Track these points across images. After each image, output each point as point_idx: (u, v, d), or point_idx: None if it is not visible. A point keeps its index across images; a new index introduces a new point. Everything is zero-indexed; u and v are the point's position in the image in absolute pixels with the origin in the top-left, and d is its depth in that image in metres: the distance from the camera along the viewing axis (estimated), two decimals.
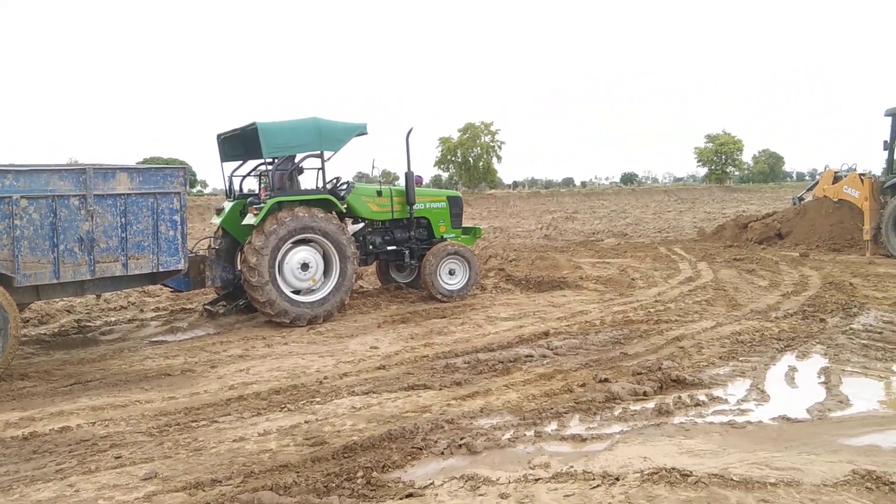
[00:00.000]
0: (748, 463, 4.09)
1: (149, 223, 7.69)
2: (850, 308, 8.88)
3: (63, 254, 7.12)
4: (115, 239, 7.47)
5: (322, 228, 9.21)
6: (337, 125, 9.77)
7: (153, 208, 7.71)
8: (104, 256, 7.40)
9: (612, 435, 4.75)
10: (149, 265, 7.75)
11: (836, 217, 16.23)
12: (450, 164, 66.72)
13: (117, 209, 7.47)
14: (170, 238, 7.85)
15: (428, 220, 11.07)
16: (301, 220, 9.04)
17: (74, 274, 7.23)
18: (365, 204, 10.42)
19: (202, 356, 7.58)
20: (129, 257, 7.58)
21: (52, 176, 7.04)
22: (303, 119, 9.60)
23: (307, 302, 9.16)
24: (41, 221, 6.98)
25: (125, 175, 7.53)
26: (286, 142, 9.32)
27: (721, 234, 19.06)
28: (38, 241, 6.98)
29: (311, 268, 9.23)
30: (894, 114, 14.87)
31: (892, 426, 4.83)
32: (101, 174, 7.34)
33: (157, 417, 5.49)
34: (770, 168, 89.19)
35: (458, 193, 11.93)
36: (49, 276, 7.07)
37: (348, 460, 4.43)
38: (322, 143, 9.54)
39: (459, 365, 6.74)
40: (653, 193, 54.81)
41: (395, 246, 10.77)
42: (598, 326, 8.29)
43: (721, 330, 7.91)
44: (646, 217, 31.78)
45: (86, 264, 7.28)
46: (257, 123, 9.07)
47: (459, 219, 11.45)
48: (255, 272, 8.69)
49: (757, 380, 5.99)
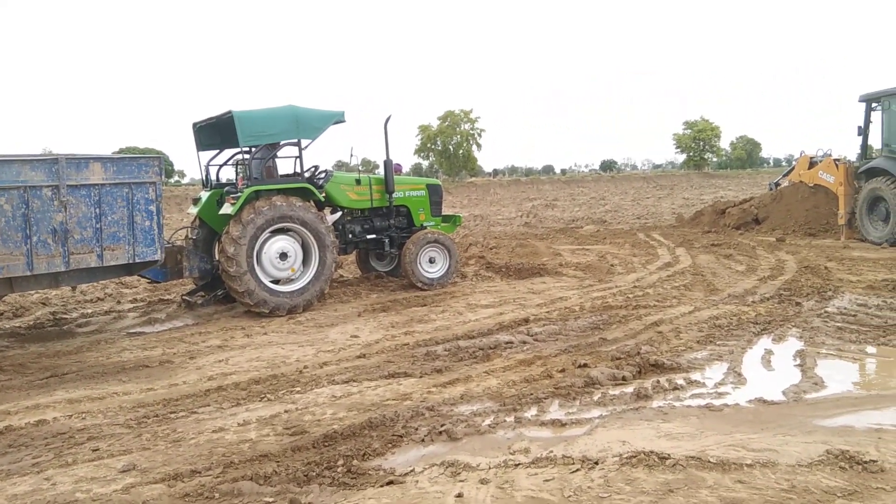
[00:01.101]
0: (725, 445, 4.14)
1: (124, 214, 7.60)
2: (825, 292, 9.00)
3: (36, 245, 7.04)
4: (89, 230, 7.38)
5: (300, 217, 9.15)
6: (314, 113, 9.68)
7: (128, 198, 7.60)
8: (78, 248, 7.32)
9: (592, 419, 4.79)
10: (124, 256, 7.67)
11: (811, 202, 16.42)
12: (430, 152, 66.54)
13: (91, 200, 7.37)
14: (145, 228, 7.76)
15: (408, 209, 11.04)
16: (279, 209, 8.97)
17: (48, 266, 7.15)
18: (343, 192, 10.36)
19: (181, 347, 7.52)
20: (105, 248, 7.49)
21: (23, 166, 6.94)
22: (279, 107, 9.50)
23: (286, 291, 9.11)
24: (13, 213, 6.88)
25: (99, 165, 7.42)
26: (262, 130, 9.20)
27: (699, 220, 19.21)
28: (10, 232, 6.88)
29: (290, 257, 9.17)
30: (868, 99, 15.04)
31: (866, 407, 4.91)
32: (75, 164, 7.24)
33: (135, 409, 5.44)
34: (747, 154, 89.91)
35: (437, 181, 11.90)
36: (22, 268, 6.99)
37: (328, 449, 4.43)
38: (299, 131, 9.47)
39: (440, 352, 6.75)
40: (632, 180, 55.10)
41: (374, 234, 10.73)
42: (577, 312, 8.34)
43: (699, 314, 7.98)
44: (625, 204, 31.95)
45: (60, 256, 7.20)
46: (233, 112, 8.97)
47: (439, 207, 11.43)
48: (233, 262, 8.63)
49: (734, 363, 6.06)
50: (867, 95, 15.07)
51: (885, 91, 14.47)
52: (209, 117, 9.77)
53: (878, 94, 14.71)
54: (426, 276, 10.43)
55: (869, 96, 15.02)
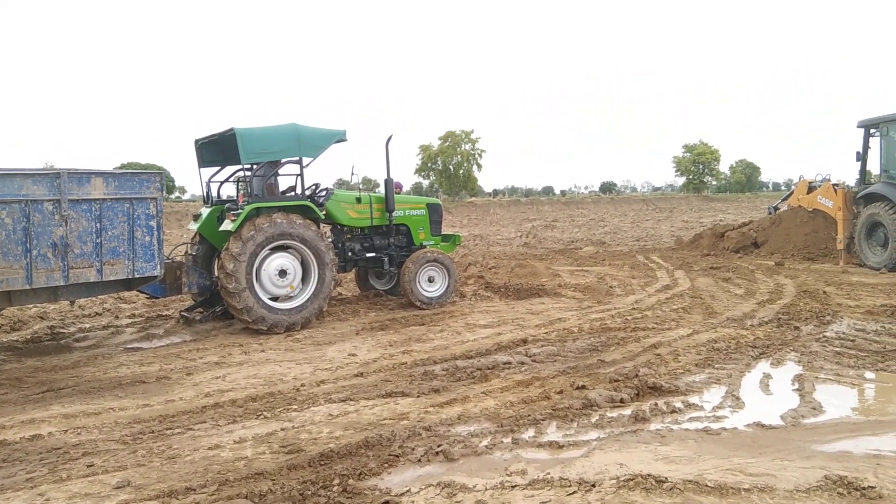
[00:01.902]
0: (723, 469, 4.12)
1: (124, 229, 7.62)
2: (823, 316, 9.00)
3: (36, 259, 7.05)
4: (89, 244, 7.39)
5: (300, 235, 9.16)
6: (316, 131, 9.72)
7: (129, 214, 7.63)
8: (78, 262, 7.32)
9: (589, 441, 4.77)
10: (124, 271, 7.67)
11: (810, 227, 16.46)
12: (430, 171, 66.76)
13: (92, 214, 7.39)
14: (145, 244, 7.78)
15: (407, 227, 11.05)
16: (279, 226, 8.99)
17: (48, 280, 7.15)
18: (344, 210, 10.40)
19: (178, 363, 7.50)
20: (104, 263, 7.49)
21: (25, 180, 6.96)
22: (281, 125, 9.54)
23: (285, 309, 9.11)
24: (14, 226, 6.90)
25: (100, 180, 7.45)
26: (264, 148, 9.25)
27: (698, 243, 19.24)
28: (10, 246, 6.89)
29: (289, 274, 9.17)
30: (867, 125, 15.14)
31: (864, 432, 4.89)
32: (76, 179, 7.27)
33: (130, 425, 5.42)
34: (747, 178, 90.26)
35: (437, 200, 11.95)
36: (21, 282, 6.99)
37: (325, 468, 4.40)
38: (301, 150, 9.51)
39: (438, 372, 6.73)
40: (631, 202, 55.26)
41: (374, 253, 10.75)
42: (575, 334, 8.33)
43: (697, 337, 7.97)
44: (624, 226, 32.01)
45: (59, 270, 7.20)
46: (235, 129, 9.02)
47: (439, 226, 11.45)
48: (232, 278, 8.63)
49: (732, 387, 6.04)
50: (865, 121, 15.17)
51: (884, 117, 14.57)
52: (211, 134, 9.81)
53: (877, 120, 14.81)
54: (425, 295, 10.43)
55: (867, 122, 15.12)
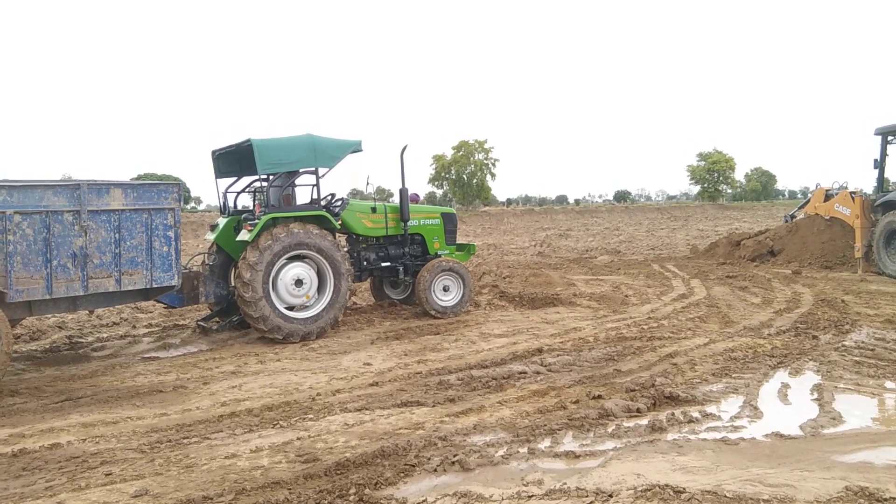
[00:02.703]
0: (741, 479, 4.09)
1: (142, 239, 7.70)
2: (842, 325, 8.91)
3: (56, 269, 7.11)
4: (108, 255, 7.47)
5: (317, 245, 9.22)
6: (331, 142, 9.78)
7: (147, 224, 7.72)
8: (97, 272, 7.40)
9: (606, 451, 4.74)
10: (142, 281, 7.75)
11: (827, 235, 16.33)
12: (444, 181, 66.85)
13: (111, 225, 7.47)
14: (163, 254, 7.87)
15: (422, 237, 11.10)
16: (296, 236, 9.04)
17: (67, 290, 7.22)
18: (359, 220, 10.46)
19: (194, 372, 7.55)
20: (123, 273, 7.57)
21: (46, 191, 7.05)
22: (297, 136, 9.60)
23: (301, 318, 9.14)
24: (34, 237, 6.98)
25: (119, 191, 7.54)
26: (281, 158, 9.30)
27: (714, 252, 19.13)
28: (31, 256, 6.97)
29: (305, 284, 9.21)
30: (884, 133, 15.02)
31: (885, 443, 4.83)
32: (96, 190, 7.35)
33: (148, 434, 5.45)
34: (762, 186, 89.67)
35: (452, 210, 11.97)
36: (42, 292, 7.06)
37: (341, 477, 4.41)
38: (317, 160, 9.58)
39: (453, 381, 6.72)
40: (646, 211, 55.03)
41: (389, 262, 10.78)
42: (591, 343, 8.30)
43: (714, 347, 7.92)
44: (639, 234, 31.89)
45: (79, 280, 7.28)
46: (252, 140, 9.08)
47: (454, 235, 11.49)
48: (249, 288, 8.69)
49: (750, 396, 5.99)
50: (883, 129, 15.05)
51: None
52: (228, 145, 9.89)
53: (894, 127, 14.70)
54: (440, 304, 10.45)
55: (884, 129, 15.00)
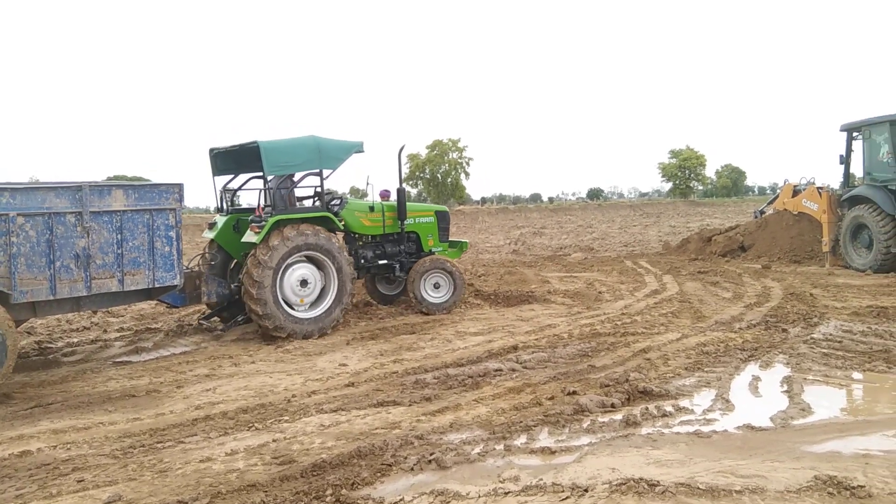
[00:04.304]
0: (714, 471, 4.15)
1: (144, 239, 7.80)
2: (810, 318, 9.08)
3: (59, 270, 7.20)
4: (110, 255, 7.56)
5: (324, 246, 9.36)
6: (335, 143, 9.91)
7: (148, 225, 7.81)
8: (100, 273, 7.48)
9: (581, 447, 4.79)
10: (144, 281, 7.85)
11: (796, 230, 16.62)
12: (418, 180, 66.89)
13: (113, 226, 7.56)
14: (165, 254, 7.97)
15: (417, 235, 11.29)
16: (303, 237, 9.17)
17: (71, 290, 7.31)
18: (358, 219, 10.64)
19: (168, 376, 7.46)
20: (125, 273, 7.67)
21: (48, 193, 7.12)
22: (302, 137, 9.70)
23: (306, 318, 9.29)
24: (38, 238, 7.06)
25: (121, 192, 7.63)
26: (287, 161, 9.44)
27: (686, 248, 19.37)
28: (34, 257, 7.05)
29: (310, 284, 9.35)
30: (849, 129, 15.31)
31: (852, 432, 4.94)
32: (97, 191, 7.43)
33: (121, 439, 5.39)
34: (733, 182, 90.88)
35: (445, 209, 12.16)
36: (46, 293, 7.14)
37: (317, 478, 4.40)
38: (321, 162, 9.69)
39: (429, 380, 6.73)
40: (619, 208, 55.46)
41: (385, 260, 10.96)
42: (566, 340, 8.36)
43: (686, 341, 8.02)
44: (612, 231, 32.14)
45: (82, 280, 7.36)
46: (259, 142, 9.16)
47: (446, 233, 11.72)
48: (258, 287, 8.79)
49: (722, 390, 6.09)
50: (848, 125, 15.34)
51: (866, 121, 14.75)
52: (231, 145, 9.94)
53: (859, 123, 14.99)
54: (430, 302, 10.59)
55: (850, 126, 15.29)
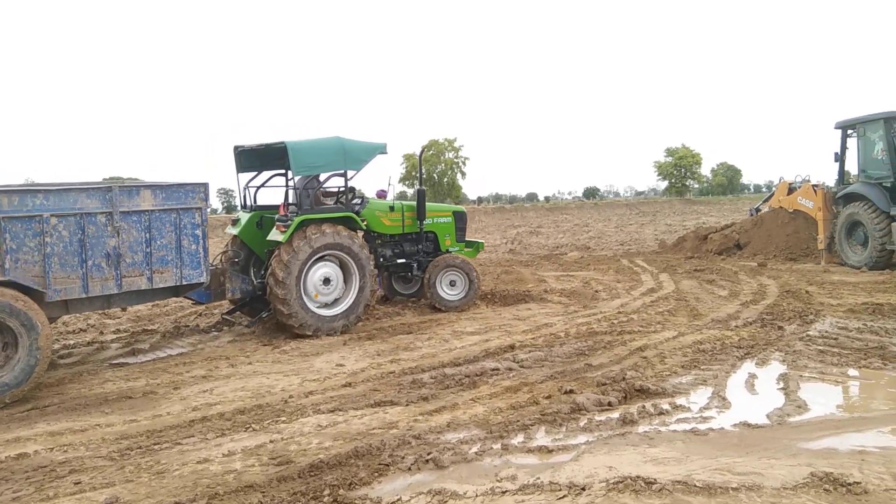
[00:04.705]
0: (710, 469, 4.16)
1: (172, 238, 8.01)
2: (806, 315, 9.10)
3: (91, 269, 7.42)
4: (140, 254, 7.79)
5: (346, 246, 9.52)
6: (360, 145, 10.04)
7: (176, 223, 8.01)
8: (130, 271, 7.71)
9: (578, 445, 4.80)
10: (172, 279, 8.05)
11: (791, 227, 16.66)
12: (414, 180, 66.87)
13: (142, 225, 7.77)
14: (192, 252, 8.16)
15: (435, 234, 11.46)
16: (327, 237, 9.34)
17: (102, 288, 7.52)
18: (378, 219, 10.84)
19: (164, 378, 7.45)
20: (154, 271, 7.88)
21: (80, 194, 7.33)
22: (328, 138, 9.88)
23: (329, 315, 9.45)
24: (70, 238, 7.27)
25: (149, 192, 7.83)
26: (313, 161, 9.60)
27: (682, 246, 19.40)
28: (67, 257, 7.26)
29: (332, 282, 9.54)
30: (844, 126, 15.36)
31: (848, 429, 4.96)
32: (126, 192, 7.67)
33: (117, 441, 5.38)
34: (728, 180, 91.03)
35: (462, 209, 12.31)
36: (78, 291, 7.35)
37: (315, 479, 4.40)
38: (346, 163, 9.85)
39: (426, 380, 6.74)
40: (615, 207, 55.53)
41: (403, 259, 11.16)
42: (562, 339, 8.37)
43: (683, 339, 8.04)
44: (608, 230, 32.17)
45: (113, 279, 7.58)
46: (286, 143, 9.35)
47: (463, 232, 11.91)
48: (283, 286, 8.97)
49: (718, 387, 6.10)
50: (843, 122, 15.39)
51: (860, 118, 14.79)
52: (258, 144, 10.12)
53: (853, 121, 15.04)
54: (446, 300, 10.76)
55: (844, 123, 15.34)
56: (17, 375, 6.64)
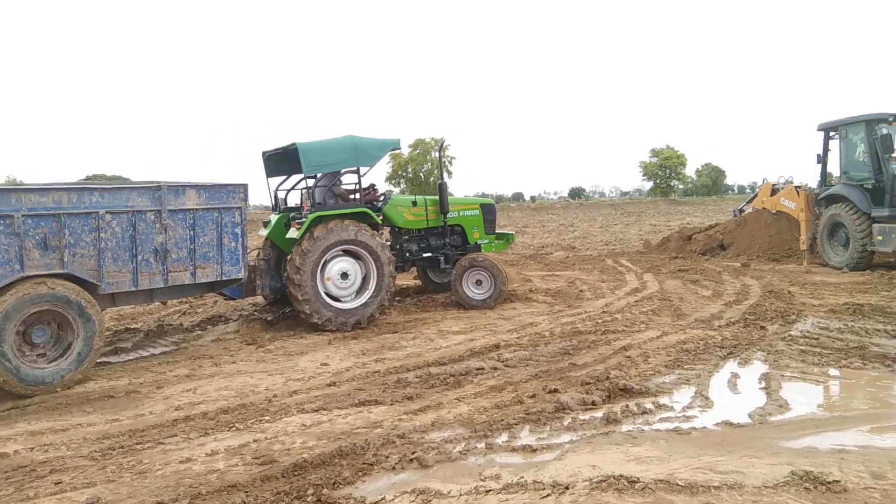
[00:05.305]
0: (693, 468, 4.19)
1: (214, 235, 8.38)
2: (788, 315, 9.18)
3: (141, 264, 7.80)
4: (184, 250, 8.15)
5: (360, 240, 9.73)
6: (372, 142, 10.26)
7: (217, 222, 8.38)
8: (176, 266, 8.08)
9: (562, 444, 4.81)
10: (214, 274, 8.40)
11: (774, 228, 16.78)
12: (401, 179, 66.83)
13: (187, 223, 8.14)
14: (232, 249, 8.53)
15: (462, 228, 11.58)
16: (340, 232, 9.56)
17: (150, 282, 7.90)
18: (401, 213, 11.04)
19: (147, 377, 7.41)
20: (197, 267, 8.25)
21: (131, 193, 7.76)
22: (339, 137, 10.13)
23: (347, 308, 9.65)
24: (122, 234, 7.67)
25: (194, 192, 8.20)
26: (324, 160, 9.87)
27: (666, 246, 19.50)
28: (119, 252, 7.65)
29: (350, 277, 9.73)
30: (826, 128, 15.49)
31: (828, 428, 5.01)
32: (173, 191, 8.03)
33: (99, 441, 5.34)
34: (713, 181, 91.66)
35: (491, 201, 12.43)
36: (128, 284, 7.73)
37: (298, 478, 4.39)
38: (358, 160, 10.10)
39: (411, 379, 6.73)
40: (600, 207, 55.78)
41: (430, 253, 11.32)
42: (547, 338, 8.39)
43: (666, 339, 8.08)
44: (593, 230, 32.29)
45: (160, 273, 7.95)
46: (297, 144, 9.63)
47: (493, 225, 12.02)
48: (299, 281, 9.23)
49: (701, 387, 6.14)
50: (825, 125, 15.51)
51: (842, 120, 14.92)
52: (277, 147, 10.46)
53: (836, 123, 15.17)
54: (472, 298, 10.83)
55: (826, 125, 15.47)
56: (73, 362, 7.12)
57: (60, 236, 7.20)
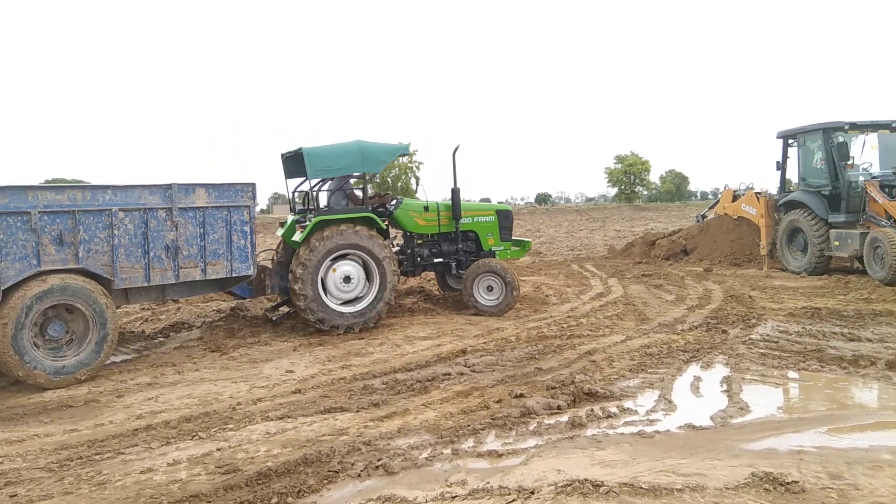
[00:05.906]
0: (656, 471, 4.24)
1: (223, 233, 8.55)
2: (749, 319, 9.35)
3: (153, 260, 8.01)
4: (195, 247, 8.34)
5: (362, 245, 9.72)
6: (379, 147, 10.34)
7: (226, 220, 8.56)
8: (186, 262, 8.27)
9: (528, 449, 4.83)
10: (223, 271, 8.58)
11: (735, 233, 17.09)
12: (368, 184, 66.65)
13: (197, 220, 8.33)
14: (241, 247, 8.69)
15: (476, 234, 11.42)
16: (342, 237, 9.58)
17: (162, 278, 8.12)
18: (412, 218, 10.99)
19: (107, 385, 7.25)
20: (207, 263, 8.43)
21: (143, 191, 7.96)
22: (346, 142, 10.17)
23: (349, 312, 9.67)
24: (135, 231, 7.88)
25: (203, 190, 8.38)
26: (329, 165, 9.93)
27: (630, 252, 19.73)
28: (132, 248, 7.87)
29: (353, 280, 9.76)
30: (785, 136, 15.83)
31: (788, 430, 5.11)
32: (184, 189, 8.22)
33: (57, 451, 5.21)
34: (676, 187, 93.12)
35: (508, 207, 12.28)
36: (141, 280, 7.96)
37: (262, 487, 4.33)
38: (364, 165, 10.17)
39: (377, 386, 6.70)
40: (566, 213, 56.28)
41: (441, 258, 11.18)
42: (513, 343, 8.42)
43: (631, 343, 8.17)
44: (559, 236, 32.54)
45: (171, 269, 8.16)
46: (303, 148, 9.66)
47: (509, 232, 11.83)
48: (300, 283, 9.31)
49: (664, 390, 6.22)
50: (784, 132, 15.86)
51: (801, 128, 15.26)
52: (289, 151, 10.52)
53: (794, 131, 15.51)
54: (483, 304, 10.69)
55: (785, 133, 15.81)
56: (89, 354, 7.44)
57: (75, 233, 7.44)
